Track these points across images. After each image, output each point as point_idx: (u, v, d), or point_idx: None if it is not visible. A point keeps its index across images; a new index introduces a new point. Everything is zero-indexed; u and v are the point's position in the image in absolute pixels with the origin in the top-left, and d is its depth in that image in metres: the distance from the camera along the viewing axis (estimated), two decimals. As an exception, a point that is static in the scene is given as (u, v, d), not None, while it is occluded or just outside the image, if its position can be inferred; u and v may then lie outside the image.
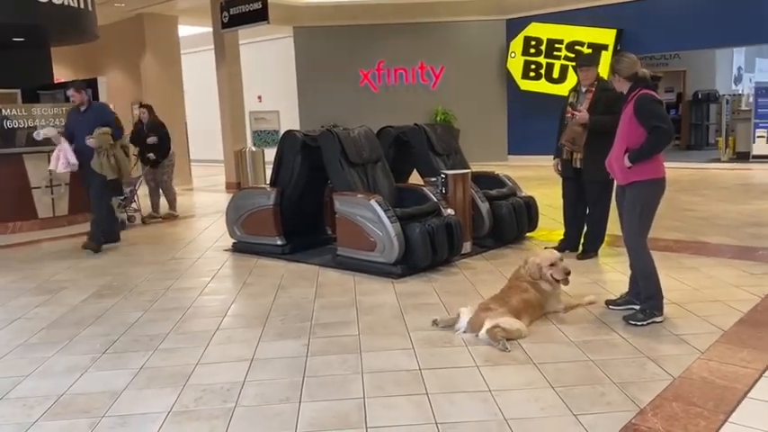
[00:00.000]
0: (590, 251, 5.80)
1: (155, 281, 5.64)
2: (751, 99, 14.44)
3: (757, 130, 13.59)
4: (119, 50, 14.09)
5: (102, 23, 11.62)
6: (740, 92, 17.82)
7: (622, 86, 4.06)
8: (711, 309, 4.15)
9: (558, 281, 4.20)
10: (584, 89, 5.63)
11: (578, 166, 5.61)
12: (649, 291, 3.99)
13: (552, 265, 4.21)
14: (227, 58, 12.46)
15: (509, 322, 3.73)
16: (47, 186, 8.66)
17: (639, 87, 3.95)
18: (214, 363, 3.65)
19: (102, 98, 12.10)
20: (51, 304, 5.03)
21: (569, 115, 5.57)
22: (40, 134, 8.55)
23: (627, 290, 4.28)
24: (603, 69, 5.79)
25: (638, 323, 3.92)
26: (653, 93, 3.97)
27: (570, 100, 5.73)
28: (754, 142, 13.65)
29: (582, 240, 5.90)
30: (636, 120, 3.90)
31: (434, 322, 4.05)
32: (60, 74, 14.26)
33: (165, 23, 13.61)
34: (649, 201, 3.99)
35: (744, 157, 13.82)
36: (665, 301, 4.02)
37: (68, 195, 8.87)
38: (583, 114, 5.40)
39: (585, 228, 5.90)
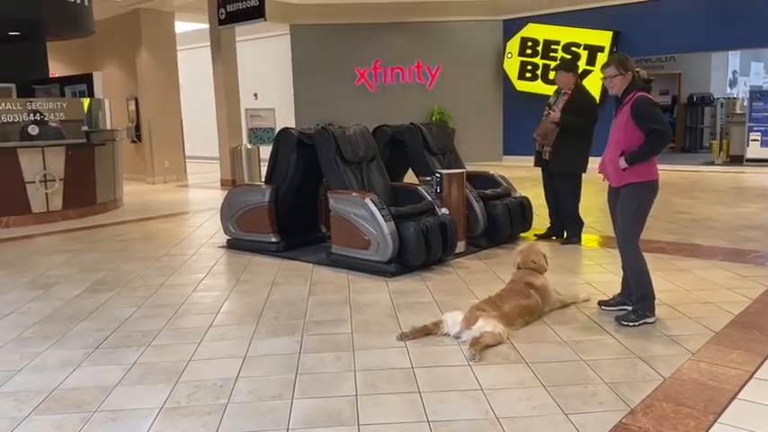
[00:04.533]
0: (572, 237, 6.36)
1: (148, 277, 5.64)
2: (745, 103, 14.49)
3: (751, 133, 13.64)
4: (115, 46, 14.04)
5: (99, 18, 11.59)
6: (735, 95, 17.89)
7: (624, 84, 4.00)
8: (703, 310, 4.17)
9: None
10: (563, 91, 6.26)
11: (546, 157, 6.28)
12: (642, 292, 4.01)
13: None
14: (223, 55, 12.44)
15: (496, 328, 3.69)
16: (41, 181, 8.63)
17: (635, 90, 3.96)
18: (207, 359, 3.65)
19: (98, 94, 12.12)
20: (45, 299, 5.02)
21: (545, 113, 6.24)
22: (35, 129, 8.56)
23: (619, 291, 4.30)
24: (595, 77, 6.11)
25: (630, 324, 3.94)
26: (649, 95, 3.98)
27: (550, 99, 6.39)
28: (747, 146, 13.71)
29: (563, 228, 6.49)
30: (633, 122, 3.90)
31: (402, 336, 3.80)
32: (56, 68, 14.25)
33: (161, 19, 13.58)
34: (643, 202, 4.00)
35: (738, 160, 13.87)
36: (656, 302, 4.05)
37: (62, 190, 8.86)
38: (555, 114, 6.10)
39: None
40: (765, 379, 3.12)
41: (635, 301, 4.04)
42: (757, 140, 13.58)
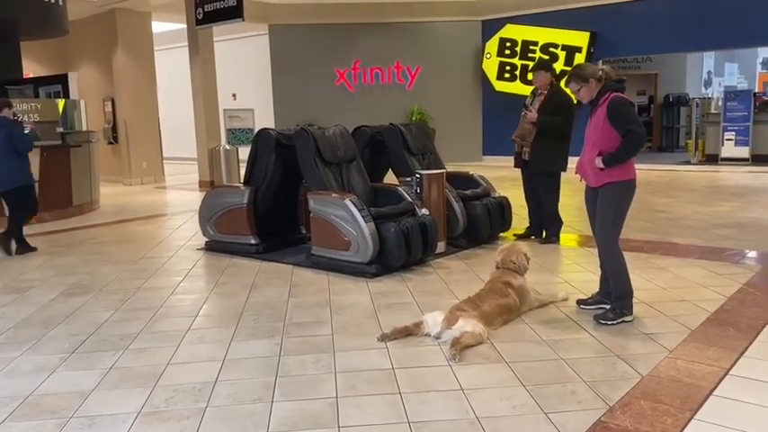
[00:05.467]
0: (550, 236, 6.41)
1: (125, 280, 5.57)
2: (720, 103, 14.72)
3: (726, 133, 13.85)
4: (90, 46, 13.87)
5: (74, 18, 11.43)
6: (710, 95, 18.16)
7: (592, 91, 4.03)
8: (679, 308, 4.23)
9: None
10: (539, 92, 6.28)
11: (526, 158, 6.32)
12: (620, 290, 4.05)
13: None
14: (201, 56, 12.34)
15: (476, 328, 3.71)
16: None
17: (609, 91, 3.98)
18: (185, 363, 3.62)
19: (73, 94, 11.95)
20: (19, 303, 4.94)
21: (522, 114, 6.26)
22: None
23: (597, 290, 4.34)
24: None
25: (609, 322, 3.97)
26: (623, 96, 4.00)
27: (527, 100, 6.39)
28: (722, 145, 13.91)
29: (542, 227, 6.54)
30: (609, 123, 3.93)
31: (383, 337, 3.80)
32: (30, 69, 14.02)
33: (138, 19, 13.44)
34: (621, 202, 4.03)
35: (713, 159, 14.08)
36: (634, 300, 4.08)
37: (37, 193, 8.69)
38: (532, 114, 6.12)
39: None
40: (741, 375, 3.17)
41: (613, 299, 4.07)
42: (732, 140, 13.79)
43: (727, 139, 13.85)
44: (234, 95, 16.72)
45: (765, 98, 14.39)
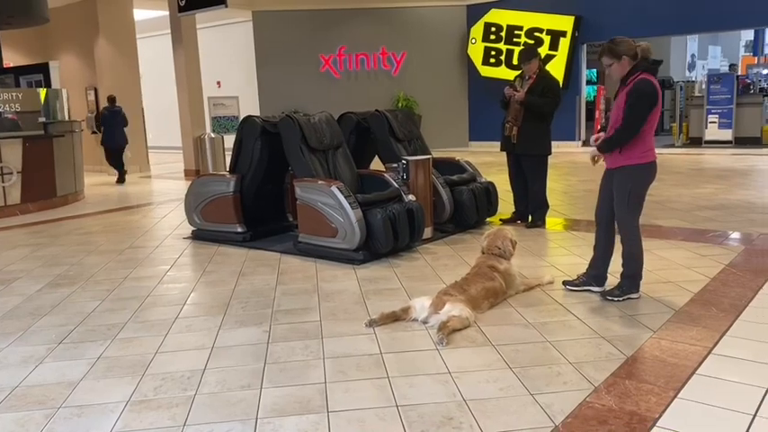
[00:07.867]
0: (536, 221, 6.43)
1: (112, 270, 5.55)
2: (704, 86, 14.82)
3: (709, 116, 13.98)
4: (72, 34, 13.69)
5: (54, 6, 11.27)
6: (693, 79, 18.26)
7: (623, 69, 3.92)
8: (664, 289, 4.28)
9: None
10: (527, 77, 6.32)
11: (515, 141, 6.28)
12: (632, 270, 4.09)
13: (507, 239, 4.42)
14: (184, 43, 12.22)
15: (463, 311, 3.74)
16: (-3, 174, 8.41)
17: (639, 72, 3.88)
18: (174, 351, 3.61)
19: (55, 84, 11.81)
20: (4, 295, 4.91)
21: (508, 94, 6.25)
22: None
23: (584, 271, 4.37)
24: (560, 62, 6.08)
25: (615, 299, 4.05)
26: (653, 79, 3.88)
27: (513, 82, 6.44)
28: (706, 128, 14.04)
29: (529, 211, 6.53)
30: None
31: (371, 323, 3.81)
32: (10, 58, 13.84)
33: (119, 6, 13.27)
34: (636, 186, 4.02)
35: (696, 142, 14.20)
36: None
37: (21, 184, 8.64)
38: (519, 94, 6.14)
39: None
40: (723, 354, 3.22)
41: (622, 277, 4.12)
42: (715, 123, 13.92)
43: (710, 122, 13.97)
44: (218, 83, 16.61)
45: (747, 81, 14.52)
